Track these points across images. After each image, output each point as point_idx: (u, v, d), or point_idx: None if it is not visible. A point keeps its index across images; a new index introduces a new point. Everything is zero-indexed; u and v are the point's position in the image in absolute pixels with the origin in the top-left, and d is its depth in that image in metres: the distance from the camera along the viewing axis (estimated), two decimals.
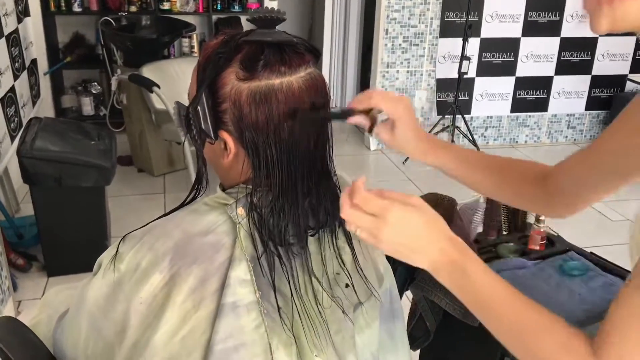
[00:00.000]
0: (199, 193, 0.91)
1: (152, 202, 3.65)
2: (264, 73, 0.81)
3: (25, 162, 2.60)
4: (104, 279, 0.86)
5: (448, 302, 1.53)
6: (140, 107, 3.80)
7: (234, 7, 4.71)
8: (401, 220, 0.76)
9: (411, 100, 0.99)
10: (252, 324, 0.84)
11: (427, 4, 4.36)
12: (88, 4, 4.48)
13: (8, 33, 3.09)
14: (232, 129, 0.84)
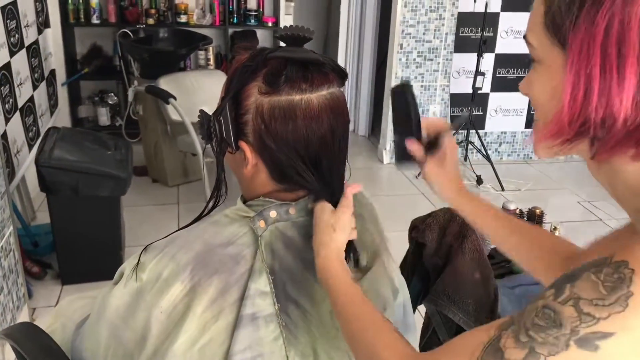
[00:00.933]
0: (218, 201, 0.93)
1: (166, 213, 3.67)
2: (285, 88, 0.82)
3: (43, 171, 2.63)
4: (125, 288, 0.88)
5: (462, 317, 1.53)
6: (156, 118, 3.83)
7: (250, 21, 4.75)
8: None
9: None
10: (270, 336, 0.85)
11: (442, 19, 4.38)
12: (107, 16, 4.55)
13: (29, 44, 3.14)
14: (251, 140, 0.86)
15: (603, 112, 0.58)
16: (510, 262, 1.90)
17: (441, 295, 1.54)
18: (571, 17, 0.59)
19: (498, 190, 4.17)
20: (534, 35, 0.66)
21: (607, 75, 0.57)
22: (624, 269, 0.54)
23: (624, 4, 0.56)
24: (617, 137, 0.59)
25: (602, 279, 0.55)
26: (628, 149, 0.59)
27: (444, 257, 1.57)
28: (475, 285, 1.52)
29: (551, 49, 0.63)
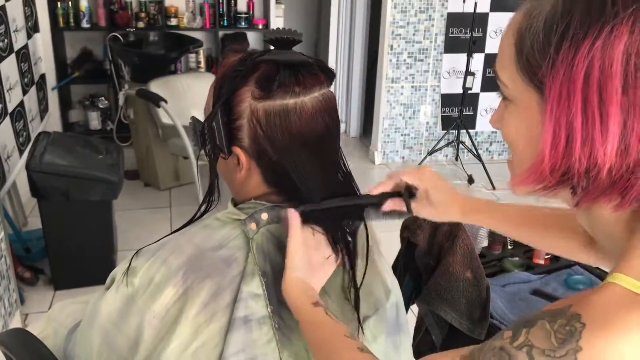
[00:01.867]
0: (210, 206, 0.93)
1: (158, 216, 3.67)
2: (279, 93, 0.83)
3: (33, 176, 2.62)
4: (117, 293, 0.88)
5: (454, 316, 1.54)
6: (147, 121, 3.83)
7: (241, 23, 4.75)
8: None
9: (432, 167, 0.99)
10: (263, 338, 0.85)
11: (431, 20, 4.40)
12: (96, 20, 4.53)
13: (18, 49, 3.13)
14: (246, 145, 0.86)
15: (587, 162, 0.55)
16: (502, 261, 1.91)
17: (433, 295, 1.54)
18: (547, 59, 0.56)
19: (489, 189, 4.20)
20: (505, 73, 0.62)
21: (590, 124, 0.53)
22: (575, 322, 0.53)
23: (603, 47, 0.52)
24: (602, 187, 0.56)
25: (555, 329, 0.54)
26: (613, 198, 0.57)
27: (435, 256, 1.58)
28: (466, 284, 1.53)
29: (525, 90, 0.60)
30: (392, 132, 4.64)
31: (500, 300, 1.64)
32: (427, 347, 1.69)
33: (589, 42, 0.53)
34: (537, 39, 0.57)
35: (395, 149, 4.69)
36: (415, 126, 4.66)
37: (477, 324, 1.53)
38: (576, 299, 0.55)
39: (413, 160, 4.67)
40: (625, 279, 0.54)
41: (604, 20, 0.52)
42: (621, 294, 0.53)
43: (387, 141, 4.66)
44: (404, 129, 4.65)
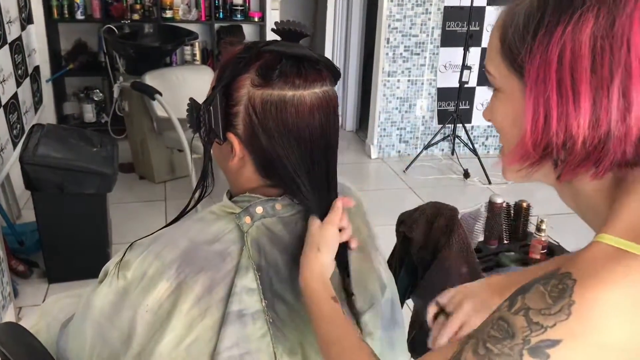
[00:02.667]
0: (205, 191, 0.92)
1: (153, 209, 3.66)
2: (278, 83, 0.82)
3: (27, 169, 2.61)
4: (110, 287, 0.87)
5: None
6: (142, 114, 3.81)
7: (236, 16, 4.73)
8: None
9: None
10: (258, 333, 0.84)
11: (428, 13, 4.38)
12: (91, 12, 4.50)
13: (11, 40, 3.10)
14: (240, 132, 0.85)
15: (563, 135, 0.61)
16: (498, 256, 1.91)
17: (429, 290, 1.54)
18: (526, 46, 0.62)
19: (485, 183, 4.19)
20: (492, 65, 0.69)
21: (564, 100, 0.59)
22: (567, 280, 0.57)
23: (573, 32, 0.58)
24: (579, 158, 0.61)
25: (549, 290, 0.58)
26: (589, 168, 0.62)
27: (431, 251, 1.57)
28: (462, 279, 1.52)
29: (509, 78, 0.66)
30: (388, 126, 4.63)
31: None
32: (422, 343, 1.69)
33: (561, 28, 0.59)
34: (517, 29, 0.64)
35: (391, 143, 4.68)
36: (412, 120, 4.65)
37: None
38: (565, 260, 0.60)
39: (409, 154, 4.66)
40: (610, 237, 0.59)
41: (573, 8, 0.59)
42: (607, 250, 0.58)
43: (383, 135, 4.65)
44: (400, 123, 4.64)
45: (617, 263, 0.56)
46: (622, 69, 0.57)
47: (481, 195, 3.89)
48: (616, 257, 0.56)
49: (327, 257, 0.87)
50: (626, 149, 0.60)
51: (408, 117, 4.64)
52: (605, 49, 0.58)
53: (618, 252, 0.57)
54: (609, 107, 0.58)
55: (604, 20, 0.58)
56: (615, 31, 0.58)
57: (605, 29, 0.58)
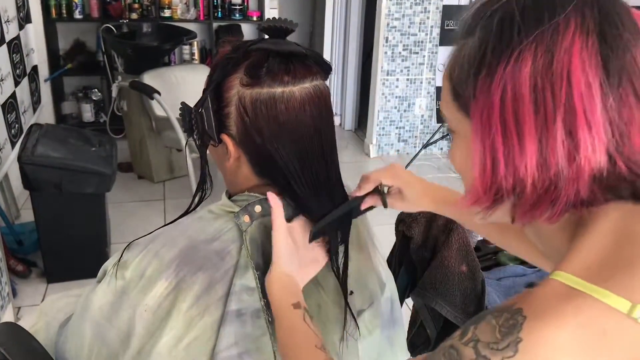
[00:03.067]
0: (204, 194, 0.92)
1: (152, 209, 3.65)
2: (267, 80, 0.81)
3: (26, 168, 2.60)
4: (108, 287, 0.86)
5: (449, 310, 1.54)
6: (140, 113, 3.80)
7: (235, 15, 4.72)
8: None
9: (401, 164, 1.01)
10: (257, 332, 0.84)
11: (427, 12, 4.38)
12: (89, 11, 4.50)
13: (9, 39, 3.10)
14: (233, 132, 0.85)
15: (512, 179, 0.59)
16: (497, 255, 1.91)
17: (428, 289, 1.54)
18: (469, 88, 0.61)
19: None
20: (445, 107, 0.67)
21: (509, 143, 0.58)
22: (518, 316, 0.56)
23: (513, 71, 0.57)
24: (531, 201, 0.60)
25: (500, 324, 0.57)
26: (543, 211, 0.60)
27: (430, 250, 1.57)
28: (462, 277, 1.52)
29: (461, 120, 0.65)
30: (387, 125, 4.63)
31: (495, 294, 1.63)
32: (421, 341, 1.69)
33: (501, 69, 0.57)
34: (462, 70, 0.62)
35: (390, 142, 4.68)
36: (410, 119, 4.65)
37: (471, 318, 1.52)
38: (520, 297, 0.58)
39: (408, 153, 4.66)
40: (564, 274, 0.57)
41: (512, 47, 0.57)
42: (559, 288, 0.56)
43: (382, 134, 4.65)
44: (399, 122, 4.64)
45: (568, 303, 0.55)
46: (565, 107, 0.56)
47: None
48: (567, 296, 0.55)
49: (277, 266, 0.84)
50: (579, 189, 0.58)
51: (407, 116, 4.64)
52: (546, 87, 0.56)
53: (570, 291, 0.56)
54: (555, 148, 0.56)
55: (542, 58, 0.56)
56: (554, 68, 0.56)
57: (544, 66, 0.56)
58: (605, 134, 0.56)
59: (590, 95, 0.56)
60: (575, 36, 0.56)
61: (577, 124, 0.56)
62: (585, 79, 0.55)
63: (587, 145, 0.56)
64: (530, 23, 0.57)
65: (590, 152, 0.56)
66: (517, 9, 0.58)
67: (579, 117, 0.55)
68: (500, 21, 0.59)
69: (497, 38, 0.59)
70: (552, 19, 0.57)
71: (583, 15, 0.57)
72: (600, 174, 0.58)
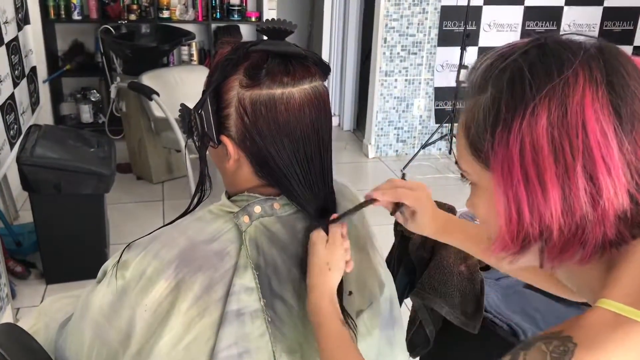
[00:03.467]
0: (203, 196, 0.92)
1: (151, 210, 3.65)
2: (266, 82, 0.82)
3: (24, 169, 2.60)
4: (108, 287, 0.87)
5: (448, 310, 1.54)
6: (139, 114, 3.80)
7: (233, 16, 4.72)
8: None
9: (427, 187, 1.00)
10: (256, 332, 0.84)
11: (425, 13, 4.39)
12: (88, 12, 4.49)
13: (8, 41, 3.09)
14: (233, 134, 0.85)
15: (538, 226, 0.62)
16: None
17: (427, 289, 1.54)
18: (487, 143, 0.64)
19: None
20: (464, 161, 0.70)
21: (532, 192, 0.61)
22: (568, 343, 0.58)
23: (529, 125, 0.60)
24: (559, 246, 0.63)
25: (551, 350, 0.59)
26: (573, 254, 0.63)
27: (429, 250, 1.58)
28: (460, 277, 1.53)
29: (482, 173, 0.67)
30: (385, 125, 4.63)
31: (494, 294, 1.63)
32: (421, 341, 1.69)
33: (517, 123, 0.60)
34: (479, 126, 0.65)
35: (389, 143, 4.69)
36: (409, 119, 4.65)
37: (471, 318, 1.52)
38: (567, 324, 0.61)
39: (406, 153, 4.66)
40: (609, 302, 0.59)
41: (525, 102, 0.60)
42: (606, 315, 0.59)
43: (381, 135, 4.65)
44: (398, 123, 4.65)
45: (615, 330, 0.57)
46: (583, 155, 0.58)
47: None
48: (614, 323, 0.57)
49: (337, 278, 0.88)
50: (606, 230, 0.61)
51: (405, 116, 4.64)
52: (563, 137, 0.59)
53: (617, 317, 0.58)
54: (578, 194, 0.59)
55: (556, 111, 0.59)
56: (569, 119, 0.59)
57: (560, 118, 0.59)
58: (625, 176, 0.59)
59: (606, 142, 0.59)
60: (586, 88, 0.59)
61: (597, 170, 0.59)
62: (600, 127, 0.58)
63: (609, 189, 0.59)
64: (541, 78, 0.60)
65: (612, 195, 0.59)
66: (525, 66, 0.62)
67: (598, 163, 0.58)
68: (511, 78, 0.62)
69: (510, 94, 0.62)
70: (561, 73, 0.60)
71: (590, 68, 0.60)
72: (624, 214, 0.61)
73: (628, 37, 4.86)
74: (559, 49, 0.62)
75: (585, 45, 0.62)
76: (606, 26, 4.77)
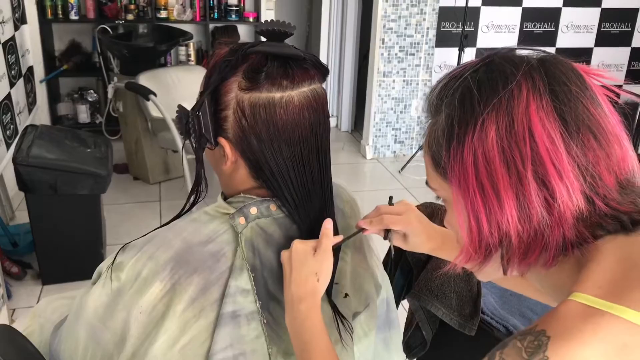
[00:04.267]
0: (198, 197, 0.91)
1: (147, 210, 3.64)
2: (266, 85, 0.81)
3: (20, 170, 2.59)
4: (103, 289, 0.86)
5: (445, 312, 1.53)
6: (136, 115, 3.79)
7: (231, 16, 4.72)
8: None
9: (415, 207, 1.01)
10: (252, 334, 0.84)
11: (423, 13, 4.38)
12: (85, 12, 4.49)
13: (5, 40, 3.09)
14: (230, 136, 0.84)
15: (498, 235, 0.64)
16: None
17: (424, 291, 1.53)
18: (445, 158, 0.67)
19: None
20: (431, 179, 0.73)
21: (488, 202, 0.63)
22: (542, 337, 0.59)
23: (480, 137, 0.63)
24: (520, 251, 0.65)
25: (525, 345, 0.60)
26: (537, 258, 0.65)
27: None
28: (457, 279, 1.52)
29: (445, 187, 0.70)
30: (383, 126, 4.63)
31: (491, 296, 1.63)
32: (417, 343, 1.69)
33: (469, 138, 0.63)
34: (438, 143, 0.68)
35: (387, 144, 4.68)
36: (407, 120, 4.65)
37: (468, 320, 1.52)
38: (542, 319, 0.62)
39: (404, 154, 4.66)
40: (581, 295, 0.61)
41: (475, 117, 0.63)
42: (577, 308, 0.60)
43: (379, 135, 4.65)
44: (396, 124, 4.64)
45: (586, 321, 0.58)
46: (533, 162, 0.61)
47: None
48: (587, 314, 0.58)
49: (324, 287, 0.86)
50: (565, 232, 0.63)
51: (403, 117, 4.64)
52: (512, 147, 0.61)
53: (588, 309, 0.59)
54: (532, 199, 0.61)
55: (504, 122, 0.62)
56: (516, 129, 0.61)
57: (507, 129, 0.62)
58: (577, 178, 0.61)
59: (554, 147, 0.61)
60: (529, 98, 0.62)
61: (549, 175, 0.61)
62: (547, 133, 0.61)
63: (562, 192, 0.61)
64: (488, 93, 0.63)
65: (566, 197, 0.61)
66: (473, 84, 0.65)
67: (549, 168, 0.61)
68: (462, 96, 0.65)
69: (461, 111, 0.65)
70: (506, 87, 0.63)
71: (533, 79, 0.63)
72: (582, 215, 0.63)
73: (626, 38, 4.86)
74: (503, 64, 0.65)
75: (527, 58, 0.65)
76: (604, 27, 4.78)
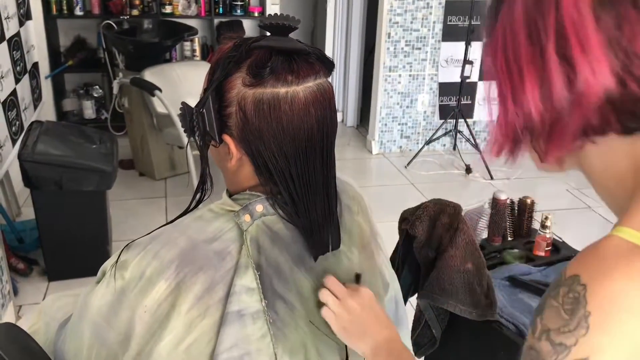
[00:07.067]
0: (204, 195, 0.90)
1: (153, 206, 3.64)
2: (270, 80, 0.79)
3: (26, 166, 2.59)
4: (107, 287, 0.85)
5: (462, 309, 1.51)
6: (141, 110, 3.79)
7: (236, 11, 4.70)
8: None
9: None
10: (258, 333, 0.82)
11: (429, 7, 4.36)
12: (90, 8, 4.48)
13: (10, 36, 3.08)
14: (235, 133, 0.83)
15: (522, 115, 0.59)
16: (501, 253, 1.89)
17: (437, 290, 1.52)
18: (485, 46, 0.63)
19: (487, 179, 4.17)
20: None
21: (514, 80, 0.58)
22: (576, 286, 0.53)
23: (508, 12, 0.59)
24: (544, 135, 0.59)
25: (562, 302, 0.54)
26: (559, 142, 0.59)
27: (434, 248, 1.56)
28: (467, 275, 1.50)
29: None
30: (389, 121, 4.61)
31: (500, 293, 1.61)
32: (426, 341, 1.67)
33: (501, 14, 0.59)
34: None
35: (393, 139, 4.66)
36: (413, 115, 4.63)
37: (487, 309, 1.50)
38: (577, 258, 0.55)
39: (410, 149, 4.64)
40: (627, 230, 0.53)
41: None
42: (620, 245, 0.52)
43: (385, 130, 4.63)
44: (402, 118, 4.62)
45: (631, 260, 0.50)
46: (556, 33, 0.54)
47: (483, 190, 3.87)
48: (629, 252, 0.51)
49: (385, 334, 0.89)
50: (587, 115, 0.56)
51: (409, 112, 4.61)
52: (537, 18, 0.56)
53: (634, 248, 0.52)
54: (552, 76, 0.55)
55: None
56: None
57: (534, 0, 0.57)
58: (605, 54, 0.53)
59: (580, 16, 0.53)
60: None
61: (571, 47, 0.54)
62: (573, 1, 0.54)
63: (585, 68, 0.53)
64: None
65: (589, 75, 0.53)
66: None
67: (572, 40, 0.54)
68: None
69: None
70: None
71: None
72: (611, 99, 0.54)
73: None
74: None
75: None
76: None
